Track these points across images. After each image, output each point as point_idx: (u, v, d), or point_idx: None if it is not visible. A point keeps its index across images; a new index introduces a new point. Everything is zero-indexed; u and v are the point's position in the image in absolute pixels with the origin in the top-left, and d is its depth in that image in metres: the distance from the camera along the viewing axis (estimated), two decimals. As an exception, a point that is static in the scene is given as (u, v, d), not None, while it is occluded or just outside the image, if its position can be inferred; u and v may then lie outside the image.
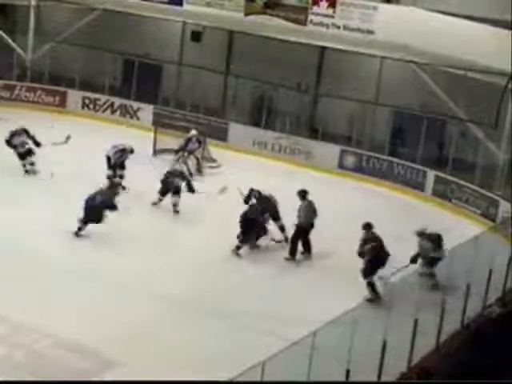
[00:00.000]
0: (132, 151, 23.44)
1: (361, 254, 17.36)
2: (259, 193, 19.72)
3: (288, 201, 19.46)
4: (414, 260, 17.86)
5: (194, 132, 25.73)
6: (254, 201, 19.65)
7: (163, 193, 21.44)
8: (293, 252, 19.06)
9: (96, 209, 18.64)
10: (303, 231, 19.15)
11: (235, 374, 9.68)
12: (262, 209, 19.32)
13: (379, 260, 17.20)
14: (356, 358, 11.65)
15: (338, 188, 24.49)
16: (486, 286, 15.83)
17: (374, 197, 24.11)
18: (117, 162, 23.25)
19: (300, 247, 19.23)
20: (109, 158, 23.21)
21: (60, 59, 30.67)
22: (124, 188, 22.80)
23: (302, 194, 19.31)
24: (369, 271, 17.15)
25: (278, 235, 19.69)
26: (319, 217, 19.14)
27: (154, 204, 21.52)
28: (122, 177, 23.20)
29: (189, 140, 25.38)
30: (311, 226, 19.16)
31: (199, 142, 25.64)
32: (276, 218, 19.71)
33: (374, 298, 16.79)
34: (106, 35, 30.15)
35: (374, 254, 17.22)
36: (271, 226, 19.69)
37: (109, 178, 22.93)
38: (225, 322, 15.55)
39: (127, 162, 23.10)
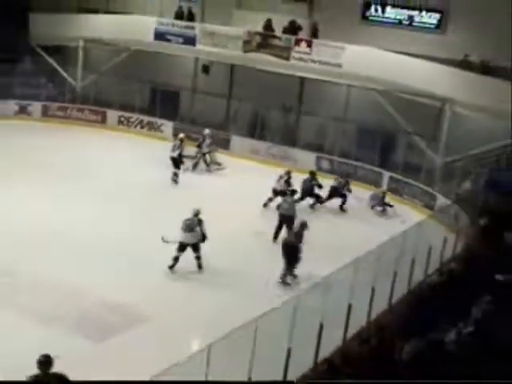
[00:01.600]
0: (182, 140, 23.76)
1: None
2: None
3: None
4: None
5: (207, 131, 25.74)
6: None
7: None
8: (276, 234, 18.79)
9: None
10: (284, 220, 18.77)
11: (234, 327, 9.88)
12: None
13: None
14: (328, 315, 11.72)
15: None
16: (426, 260, 15.86)
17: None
18: (182, 152, 23.64)
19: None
20: (173, 159, 23.43)
21: (102, 86, 30.64)
22: (177, 182, 23.33)
23: (292, 190, 19.43)
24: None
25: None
26: (301, 207, 19.15)
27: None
28: (176, 174, 23.49)
29: (204, 137, 25.43)
30: (291, 217, 18.70)
31: (211, 138, 25.58)
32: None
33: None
34: (137, 68, 29.99)
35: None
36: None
37: (175, 174, 23.37)
38: (227, 289, 15.59)
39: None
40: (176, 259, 15.74)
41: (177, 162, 23.51)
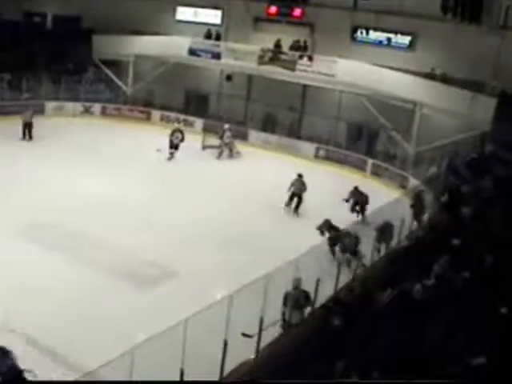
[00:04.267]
0: (177, 130, 24.72)
1: None
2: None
3: (285, 177, 19.59)
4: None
5: (226, 125, 25.84)
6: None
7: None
8: (288, 203, 19.34)
9: None
10: (295, 196, 19.28)
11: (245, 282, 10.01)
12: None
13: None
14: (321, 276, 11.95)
15: (314, 170, 23.99)
16: (399, 229, 15.78)
17: (336, 175, 24.06)
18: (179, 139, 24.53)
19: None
20: (171, 141, 24.44)
21: (147, 91, 30.70)
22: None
23: (299, 174, 19.39)
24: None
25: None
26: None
27: None
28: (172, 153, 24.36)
29: (224, 131, 25.48)
30: (300, 194, 19.27)
31: (230, 131, 25.61)
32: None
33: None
34: (175, 77, 29.86)
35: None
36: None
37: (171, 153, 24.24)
38: (235, 248, 15.61)
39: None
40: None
41: (173, 144, 24.50)
